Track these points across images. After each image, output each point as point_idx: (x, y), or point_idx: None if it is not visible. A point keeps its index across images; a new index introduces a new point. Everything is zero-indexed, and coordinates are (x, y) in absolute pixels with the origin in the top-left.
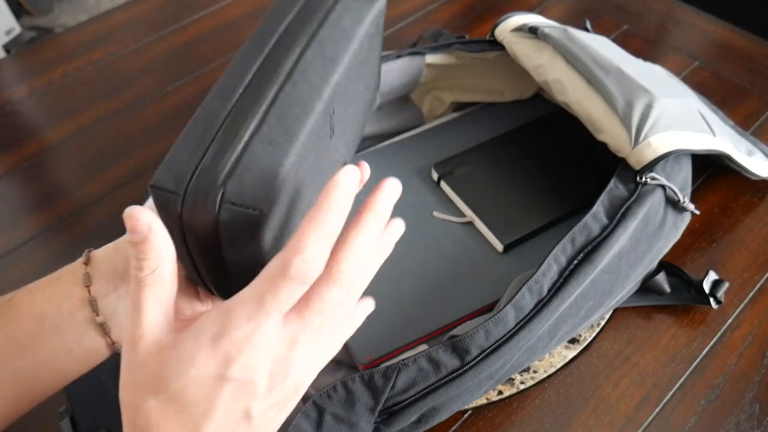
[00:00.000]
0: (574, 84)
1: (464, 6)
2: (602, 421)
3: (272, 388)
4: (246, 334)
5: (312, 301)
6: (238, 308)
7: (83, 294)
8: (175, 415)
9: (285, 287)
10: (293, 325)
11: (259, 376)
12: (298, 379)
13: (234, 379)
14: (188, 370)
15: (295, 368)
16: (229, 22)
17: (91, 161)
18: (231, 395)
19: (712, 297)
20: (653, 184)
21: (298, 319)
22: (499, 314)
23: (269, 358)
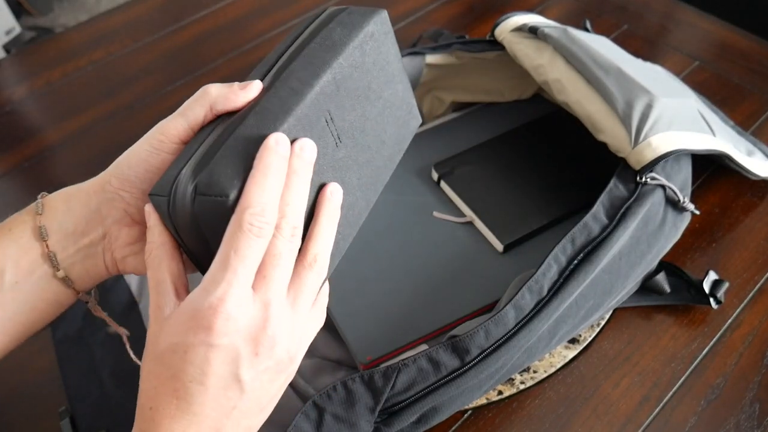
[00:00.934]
0: (574, 84)
1: (464, 6)
2: (602, 421)
3: (258, 353)
4: (218, 297)
5: (268, 257)
6: (209, 275)
7: (41, 249)
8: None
9: (243, 241)
10: (261, 287)
11: (241, 340)
12: (286, 346)
13: (217, 345)
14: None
15: (279, 332)
16: (229, 22)
17: (91, 161)
18: (218, 361)
19: (712, 297)
20: (653, 184)
21: (261, 279)
22: (499, 314)
23: (247, 322)
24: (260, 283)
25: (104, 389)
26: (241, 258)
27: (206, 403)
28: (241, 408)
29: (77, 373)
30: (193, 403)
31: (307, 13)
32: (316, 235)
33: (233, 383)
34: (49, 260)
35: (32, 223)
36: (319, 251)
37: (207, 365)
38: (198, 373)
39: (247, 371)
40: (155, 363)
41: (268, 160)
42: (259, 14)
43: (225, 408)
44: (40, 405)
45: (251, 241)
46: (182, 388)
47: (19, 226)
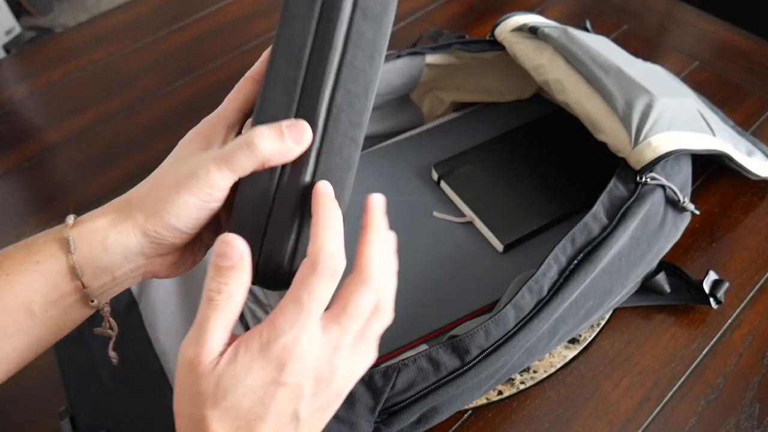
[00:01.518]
0: (574, 84)
1: (464, 6)
2: (602, 421)
3: (317, 393)
4: (293, 338)
5: (347, 307)
6: (281, 315)
7: (73, 285)
8: (232, 422)
9: (317, 283)
10: (334, 332)
11: (307, 380)
12: (340, 385)
13: (286, 383)
14: (243, 381)
15: (338, 373)
16: (229, 22)
17: (90, 161)
18: (283, 399)
19: (712, 297)
20: (653, 184)
21: (336, 326)
22: (499, 314)
23: (315, 362)
24: (334, 328)
25: (104, 389)
26: (314, 300)
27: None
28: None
29: (77, 373)
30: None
31: None
32: (367, 250)
33: (291, 420)
34: (84, 296)
35: (64, 261)
36: (373, 267)
37: (272, 403)
38: (262, 411)
39: (306, 408)
40: (210, 408)
41: (328, 206)
42: (259, 14)
43: None
44: (40, 405)
45: (325, 284)
46: (245, 426)
47: (48, 260)
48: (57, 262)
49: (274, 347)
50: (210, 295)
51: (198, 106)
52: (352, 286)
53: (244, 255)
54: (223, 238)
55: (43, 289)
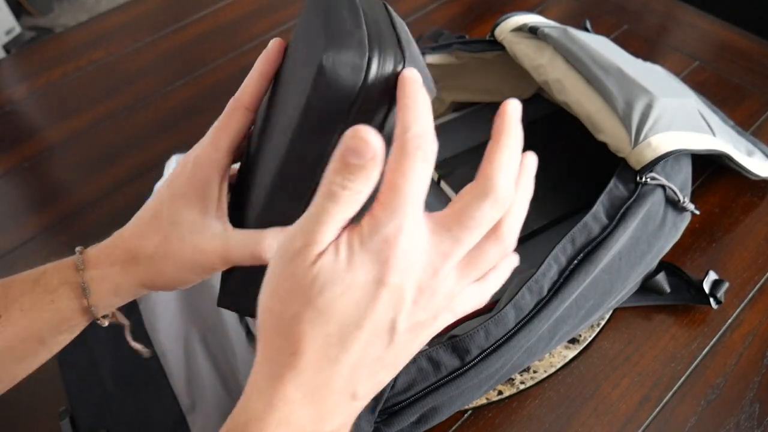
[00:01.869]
0: (574, 84)
1: (464, 6)
2: (602, 421)
3: (417, 302)
4: (395, 229)
5: (460, 215)
6: (378, 205)
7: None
8: (322, 326)
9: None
10: (441, 239)
11: (409, 284)
12: (440, 304)
13: (388, 283)
14: (343, 278)
15: (441, 288)
16: (229, 22)
17: (91, 161)
18: (384, 303)
19: (712, 297)
20: (653, 184)
21: (445, 233)
22: (499, 314)
23: (419, 264)
24: (443, 234)
25: (104, 389)
26: (410, 183)
27: (356, 351)
28: (384, 360)
29: (77, 373)
30: (343, 350)
31: None
32: (511, 210)
33: (387, 332)
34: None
35: (77, 303)
36: (511, 228)
37: (371, 306)
38: (358, 316)
39: (403, 320)
40: (303, 305)
41: (415, 90)
42: (259, 14)
43: (370, 357)
44: (40, 405)
45: (418, 165)
46: (337, 333)
47: (62, 300)
48: (71, 303)
49: (375, 240)
50: (332, 188)
51: (198, 106)
52: (470, 194)
53: (378, 153)
54: (356, 133)
55: (55, 323)
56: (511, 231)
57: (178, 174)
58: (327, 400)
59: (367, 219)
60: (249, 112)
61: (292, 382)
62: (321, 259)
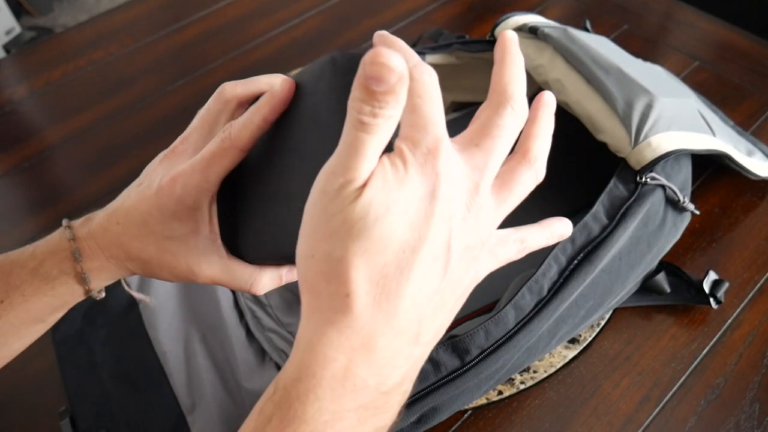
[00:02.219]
0: (574, 84)
1: (464, 6)
2: (602, 421)
3: (466, 219)
4: (437, 134)
5: (485, 126)
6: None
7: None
8: (377, 257)
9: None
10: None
11: (458, 195)
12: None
13: (441, 197)
14: (396, 200)
15: (485, 203)
16: (229, 22)
17: (91, 161)
18: (439, 218)
19: (712, 297)
20: (653, 184)
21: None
22: (499, 314)
23: (463, 173)
24: (473, 149)
25: (104, 389)
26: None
27: (415, 280)
28: (441, 293)
29: (77, 373)
30: (402, 281)
31: (307, 13)
32: (537, 134)
33: (443, 254)
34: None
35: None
36: (539, 152)
37: (427, 223)
38: (414, 237)
39: (457, 239)
40: (354, 240)
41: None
42: (259, 14)
43: (429, 290)
44: (40, 405)
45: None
46: (393, 263)
47: (63, 287)
48: (71, 288)
49: (418, 155)
50: (362, 118)
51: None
52: (487, 108)
53: (404, 73)
54: (376, 58)
55: (56, 305)
56: (539, 153)
57: (166, 191)
58: (389, 345)
59: (401, 140)
60: (242, 153)
61: (349, 328)
62: (368, 189)
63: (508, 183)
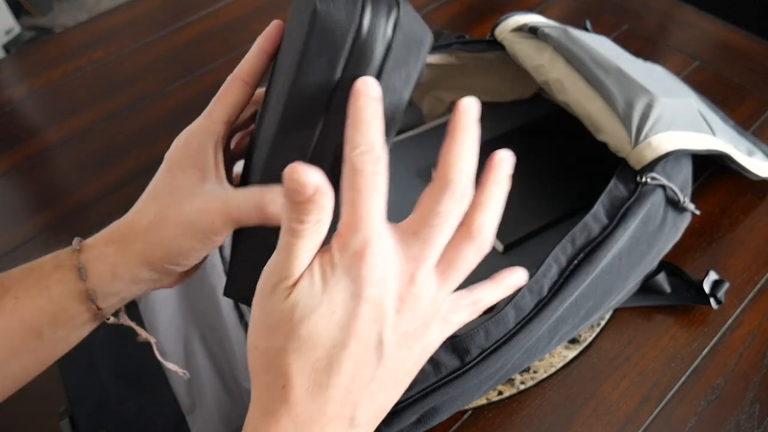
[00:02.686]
0: (574, 84)
1: (464, 6)
2: (602, 421)
3: (401, 311)
4: (364, 239)
5: (423, 214)
6: (343, 225)
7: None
8: (309, 354)
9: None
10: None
11: (388, 294)
12: (426, 311)
13: (366, 297)
14: (320, 301)
15: (423, 293)
16: (229, 22)
17: (91, 161)
18: (366, 317)
19: (713, 297)
20: (653, 184)
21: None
22: (499, 314)
23: (393, 273)
24: (410, 239)
25: (104, 389)
26: (367, 198)
27: (347, 372)
28: (378, 380)
29: (77, 373)
30: (333, 374)
31: None
32: (483, 204)
33: (375, 347)
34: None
35: (74, 287)
36: (484, 223)
37: (353, 323)
38: (342, 336)
39: (390, 333)
40: (286, 337)
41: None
42: (259, 14)
43: (362, 377)
44: (40, 405)
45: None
46: (324, 358)
47: (57, 285)
48: (67, 288)
49: (345, 257)
50: (291, 225)
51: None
52: (428, 193)
53: (319, 186)
54: (291, 174)
55: (52, 312)
56: (483, 227)
57: (172, 148)
58: (324, 430)
59: (334, 239)
60: (247, 86)
61: (285, 416)
62: (296, 289)
63: (453, 262)
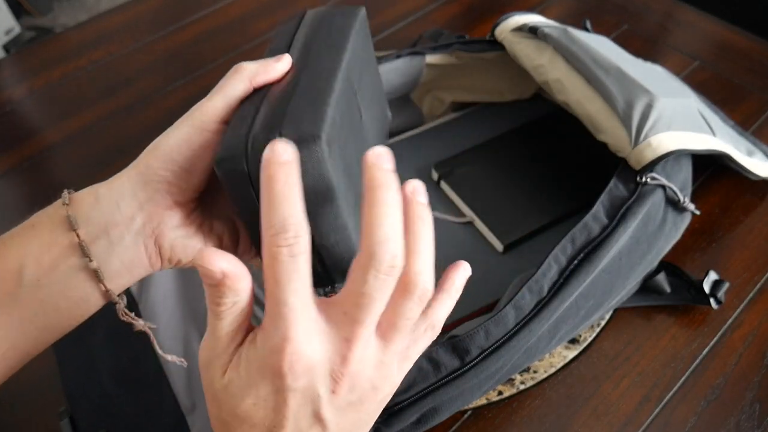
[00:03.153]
0: (574, 84)
1: (464, 6)
2: (602, 422)
3: (336, 390)
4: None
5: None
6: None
7: (67, 240)
8: (251, 430)
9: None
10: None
11: (318, 380)
12: (370, 377)
13: (292, 388)
14: (248, 392)
15: (361, 366)
16: (229, 22)
17: (91, 161)
18: (297, 404)
19: (712, 297)
20: (653, 184)
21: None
22: (499, 314)
23: (324, 360)
24: (341, 319)
25: (104, 389)
26: (284, 286)
27: None
28: None
29: (77, 373)
30: None
31: None
32: (412, 246)
33: (315, 422)
34: (80, 250)
35: (57, 216)
36: (419, 272)
37: (284, 409)
38: (278, 418)
39: (328, 409)
40: (229, 414)
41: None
42: (259, 14)
43: None
44: (40, 405)
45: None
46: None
47: (42, 220)
48: (50, 220)
49: (266, 352)
50: (211, 307)
51: None
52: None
53: (227, 271)
54: (200, 260)
55: (34, 251)
56: (419, 277)
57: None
58: None
59: (259, 330)
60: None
61: None
62: (228, 371)
63: (394, 323)
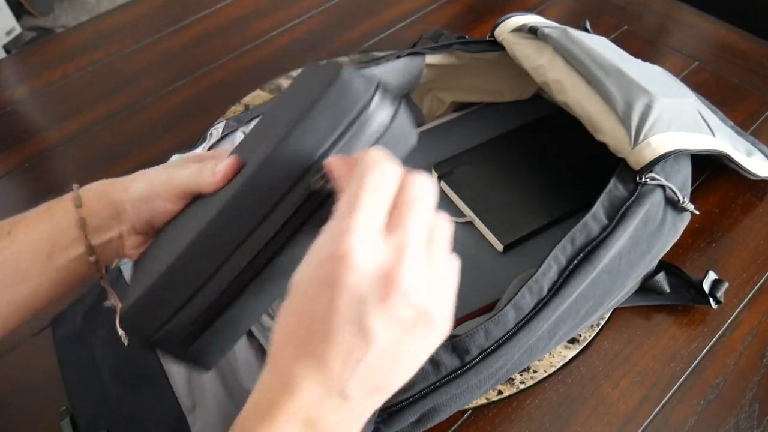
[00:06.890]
0: (573, 84)
1: (464, 6)
2: (602, 421)
3: (386, 299)
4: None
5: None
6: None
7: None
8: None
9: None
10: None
11: (366, 282)
12: (423, 296)
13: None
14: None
15: (413, 280)
16: (229, 22)
17: (91, 161)
18: (342, 303)
19: (712, 297)
20: (653, 184)
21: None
22: (499, 314)
23: (376, 263)
24: (394, 226)
25: (104, 389)
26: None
27: (330, 349)
28: (369, 362)
29: (77, 373)
30: (318, 345)
31: (307, 13)
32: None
33: (358, 332)
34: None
35: (74, 215)
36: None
37: (333, 305)
38: (325, 313)
39: (375, 319)
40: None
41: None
42: (259, 14)
43: (350, 359)
44: (40, 405)
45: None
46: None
47: (59, 212)
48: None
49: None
50: None
51: (198, 106)
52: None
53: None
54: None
55: (54, 241)
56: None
57: None
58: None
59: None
60: None
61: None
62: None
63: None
